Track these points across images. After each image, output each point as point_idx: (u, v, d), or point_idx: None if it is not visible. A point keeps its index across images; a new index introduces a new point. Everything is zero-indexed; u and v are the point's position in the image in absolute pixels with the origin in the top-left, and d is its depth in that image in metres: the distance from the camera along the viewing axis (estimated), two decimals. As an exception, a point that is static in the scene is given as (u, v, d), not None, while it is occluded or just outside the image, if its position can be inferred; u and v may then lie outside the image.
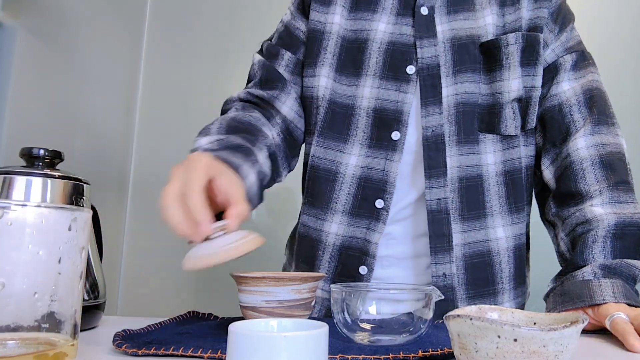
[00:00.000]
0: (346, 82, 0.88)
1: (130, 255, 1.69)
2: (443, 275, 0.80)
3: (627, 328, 0.60)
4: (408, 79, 0.84)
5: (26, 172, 0.63)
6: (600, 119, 0.83)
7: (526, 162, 0.87)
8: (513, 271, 0.83)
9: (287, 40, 0.94)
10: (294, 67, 0.93)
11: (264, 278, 0.56)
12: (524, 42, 0.83)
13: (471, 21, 0.86)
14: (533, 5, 0.86)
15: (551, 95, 0.86)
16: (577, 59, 0.86)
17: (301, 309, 0.58)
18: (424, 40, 0.85)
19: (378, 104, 0.85)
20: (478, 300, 0.81)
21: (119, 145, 1.66)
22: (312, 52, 0.91)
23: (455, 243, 0.80)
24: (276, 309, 0.57)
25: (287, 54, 0.93)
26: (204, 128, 0.81)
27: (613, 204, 0.77)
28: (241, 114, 0.86)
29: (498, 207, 0.83)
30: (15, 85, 1.13)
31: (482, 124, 0.84)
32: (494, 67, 0.84)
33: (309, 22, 0.92)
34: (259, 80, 0.92)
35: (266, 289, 0.56)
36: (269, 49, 0.95)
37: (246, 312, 0.59)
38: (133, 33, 1.72)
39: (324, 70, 0.89)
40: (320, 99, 0.88)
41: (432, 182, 0.81)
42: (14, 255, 0.44)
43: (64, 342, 0.46)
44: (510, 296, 0.83)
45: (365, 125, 0.86)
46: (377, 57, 0.87)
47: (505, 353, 0.39)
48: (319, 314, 0.88)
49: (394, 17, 0.88)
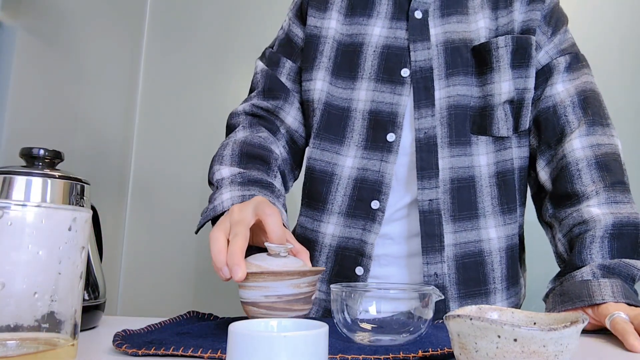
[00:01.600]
0: (342, 85, 0.89)
1: (130, 255, 1.69)
2: (435, 274, 0.80)
3: (627, 327, 0.60)
4: (403, 81, 0.85)
5: (26, 172, 0.63)
6: (595, 120, 0.83)
7: (519, 164, 0.88)
8: (505, 271, 0.84)
9: (288, 48, 0.96)
10: (295, 75, 0.94)
11: (262, 273, 0.56)
12: (514, 44, 0.84)
13: (464, 25, 0.87)
14: (526, 8, 0.87)
15: (545, 97, 0.86)
16: (570, 61, 0.87)
17: (301, 303, 0.58)
18: (417, 44, 0.86)
19: (373, 107, 0.86)
20: (470, 299, 0.82)
21: (119, 145, 1.66)
22: (308, 56, 0.92)
23: (446, 243, 0.81)
24: (276, 303, 0.57)
25: (288, 63, 0.94)
26: (218, 155, 0.85)
27: (610, 204, 0.77)
28: (250, 136, 0.88)
29: (490, 208, 0.83)
30: (15, 85, 1.13)
31: (474, 126, 0.85)
32: (485, 70, 0.85)
33: (305, 28, 0.93)
34: (262, 90, 0.94)
35: (265, 284, 0.56)
36: (271, 57, 0.96)
37: (247, 307, 0.59)
38: (133, 33, 1.72)
39: (320, 73, 0.90)
40: (316, 102, 0.90)
41: (424, 184, 0.82)
42: (14, 255, 0.44)
43: (64, 342, 0.46)
44: (502, 296, 0.84)
45: (361, 127, 0.87)
46: (372, 61, 0.88)
47: (505, 353, 0.39)
48: (316, 314, 0.88)
49: (388, 21, 0.90)
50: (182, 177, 1.71)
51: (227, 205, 0.73)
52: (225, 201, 0.74)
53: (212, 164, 0.84)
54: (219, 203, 0.74)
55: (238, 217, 0.61)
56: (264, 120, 0.94)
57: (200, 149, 1.72)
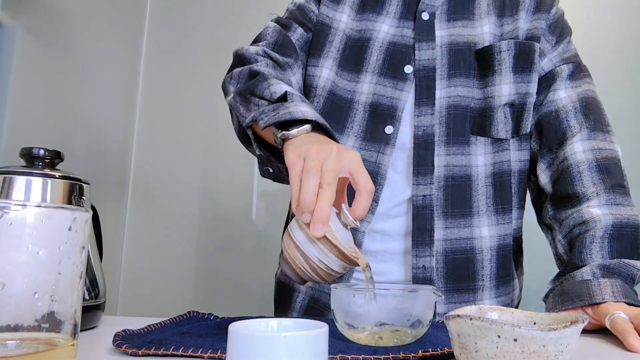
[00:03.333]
0: (347, 77, 0.91)
1: (130, 255, 1.69)
2: (423, 267, 0.82)
3: (627, 327, 0.60)
4: (405, 77, 0.87)
5: (26, 172, 0.63)
6: (596, 126, 0.85)
7: (518, 167, 0.89)
8: (495, 270, 0.85)
9: (300, 18, 0.95)
10: (304, 44, 0.94)
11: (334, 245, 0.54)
12: (516, 49, 0.86)
13: (469, 29, 0.90)
14: (531, 17, 0.89)
15: (548, 102, 0.88)
16: (573, 69, 0.89)
17: (329, 277, 0.57)
18: (422, 43, 0.89)
19: (375, 99, 0.88)
20: (456, 294, 0.83)
21: (119, 145, 1.66)
22: (318, 43, 0.93)
23: (436, 238, 0.83)
24: (318, 269, 0.55)
25: (300, 29, 0.93)
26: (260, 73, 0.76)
27: (610, 205, 0.78)
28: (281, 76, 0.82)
29: (485, 207, 0.85)
30: (15, 85, 1.13)
31: (474, 127, 0.86)
32: (487, 73, 0.87)
33: (318, 14, 0.94)
34: (273, 43, 0.90)
35: (328, 253, 0.55)
36: (281, 21, 0.94)
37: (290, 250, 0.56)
38: (133, 33, 1.72)
39: (328, 62, 0.91)
40: (320, 89, 0.90)
41: (419, 179, 0.84)
42: (14, 255, 0.44)
43: (64, 342, 0.46)
44: (491, 294, 0.84)
45: (361, 119, 0.88)
46: (377, 55, 0.90)
47: (505, 353, 0.39)
48: (302, 303, 0.89)
49: (397, 20, 0.92)
50: (182, 177, 1.71)
51: (310, 115, 0.64)
52: (307, 113, 0.65)
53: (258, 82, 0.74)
54: (296, 110, 0.65)
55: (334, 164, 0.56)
56: (278, 71, 0.85)
57: (200, 149, 1.72)
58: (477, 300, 0.84)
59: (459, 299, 0.83)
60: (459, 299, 0.83)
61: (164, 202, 1.70)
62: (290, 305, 0.91)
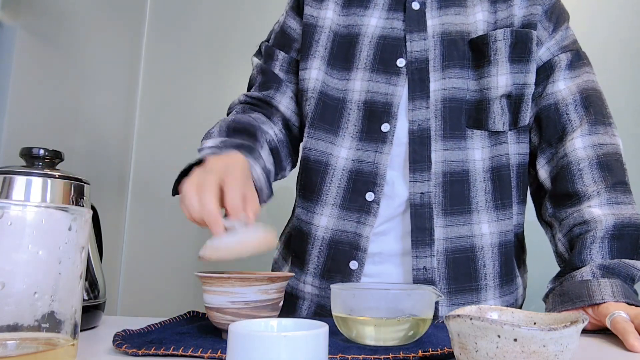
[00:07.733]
0: (337, 75, 0.89)
1: (130, 255, 1.69)
2: (423, 268, 0.80)
3: (627, 327, 0.60)
4: (398, 71, 0.85)
5: (26, 172, 0.63)
6: (597, 119, 0.83)
7: (517, 160, 0.87)
8: (498, 268, 0.82)
9: (281, 40, 0.96)
10: (288, 66, 0.95)
11: (229, 278, 0.55)
12: (513, 38, 0.83)
13: (462, 17, 0.87)
14: (526, 2, 0.86)
15: (547, 94, 0.86)
16: (572, 58, 0.86)
17: (268, 310, 0.57)
18: (414, 34, 0.86)
19: (368, 97, 0.86)
20: (460, 295, 0.81)
21: (119, 145, 1.65)
22: (304, 45, 0.92)
23: (436, 237, 0.80)
24: (242, 309, 0.55)
25: (281, 54, 0.95)
26: (207, 132, 0.85)
27: (611, 204, 0.77)
28: (240, 115, 0.89)
29: (484, 203, 0.83)
30: (15, 85, 1.13)
31: (470, 120, 0.84)
32: (482, 63, 0.84)
33: (302, 18, 0.94)
34: (258, 85, 0.96)
35: (232, 289, 0.55)
36: (266, 50, 0.98)
37: (211, 313, 0.57)
38: (133, 33, 1.72)
39: (315, 62, 0.90)
40: (310, 91, 0.89)
41: (415, 176, 0.81)
42: (14, 255, 0.44)
43: (64, 342, 0.46)
44: (495, 294, 0.82)
45: (356, 118, 0.86)
46: (367, 51, 0.88)
47: (505, 353, 0.39)
48: (308, 310, 0.87)
49: (385, 12, 0.89)
50: (182, 177, 1.71)
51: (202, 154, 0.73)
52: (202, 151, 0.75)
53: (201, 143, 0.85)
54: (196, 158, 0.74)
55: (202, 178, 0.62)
56: (258, 107, 0.95)
57: (200, 149, 1.71)
58: (481, 301, 0.81)
59: (462, 300, 0.81)
60: (462, 300, 0.81)
61: (164, 202, 1.69)
62: (294, 313, 0.88)
